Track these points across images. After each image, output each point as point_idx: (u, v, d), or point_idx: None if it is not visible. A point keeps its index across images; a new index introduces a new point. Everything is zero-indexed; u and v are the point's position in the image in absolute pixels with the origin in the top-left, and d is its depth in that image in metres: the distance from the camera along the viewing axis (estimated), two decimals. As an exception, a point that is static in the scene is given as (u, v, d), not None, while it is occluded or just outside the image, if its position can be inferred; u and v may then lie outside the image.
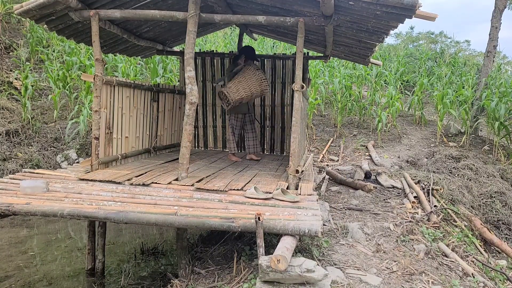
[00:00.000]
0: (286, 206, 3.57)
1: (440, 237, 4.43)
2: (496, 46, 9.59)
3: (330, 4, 3.68)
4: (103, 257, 4.57)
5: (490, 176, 6.79)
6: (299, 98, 4.18)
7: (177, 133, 6.84)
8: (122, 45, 6.03)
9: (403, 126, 9.84)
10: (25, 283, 4.27)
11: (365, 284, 3.11)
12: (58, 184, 4.09)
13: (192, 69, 4.31)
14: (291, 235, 2.95)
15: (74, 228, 6.14)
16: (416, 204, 5.25)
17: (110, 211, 3.19)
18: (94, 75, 4.56)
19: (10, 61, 9.86)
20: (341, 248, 3.78)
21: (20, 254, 5.00)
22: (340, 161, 8.00)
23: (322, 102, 10.18)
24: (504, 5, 9.43)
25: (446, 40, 18.98)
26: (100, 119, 4.62)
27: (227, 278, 3.27)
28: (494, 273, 4.20)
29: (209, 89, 7.24)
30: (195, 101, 4.31)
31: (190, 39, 4.31)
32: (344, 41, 5.17)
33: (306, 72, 6.57)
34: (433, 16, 3.51)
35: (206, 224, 3.05)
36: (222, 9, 5.06)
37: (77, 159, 7.70)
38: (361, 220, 4.55)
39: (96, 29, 4.52)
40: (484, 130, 9.91)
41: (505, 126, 8.26)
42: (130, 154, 5.34)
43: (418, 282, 3.30)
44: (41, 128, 8.26)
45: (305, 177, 4.97)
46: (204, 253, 4.02)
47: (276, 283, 2.78)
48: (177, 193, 3.91)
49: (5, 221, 5.97)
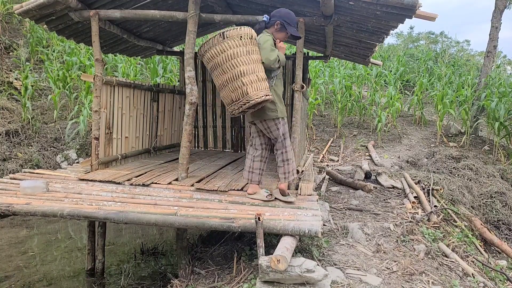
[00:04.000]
0: (286, 207, 3.56)
1: (440, 237, 4.43)
2: (496, 46, 9.60)
3: (330, 4, 3.68)
4: (103, 257, 4.57)
5: (490, 176, 6.79)
6: (299, 98, 4.18)
7: (177, 133, 6.84)
8: (122, 45, 6.03)
9: (403, 126, 9.84)
10: (25, 283, 4.27)
11: (365, 284, 3.11)
12: (58, 184, 4.08)
13: (192, 69, 4.31)
14: (291, 235, 2.95)
15: (74, 228, 6.14)
16: (416, 204, 5.24)
17: (110, 211, 3.19)
18: (94, 75, 4.56)
19: (10, 61, 9.85)
20: (341, 248, 3.78)
21: (20, 254, 5.00)
22: (340, 161, 7.99)
23: (322, 102, 10.18)
24: (504, 5, 9.44)
25: (446, 40, 19.00)
26: (100, 119, 4.62)
27: (227, 278, 3.27)
28: (494, 273, 4.20)
29: (209, 89, 7.24)
30: (195, 101, 4.31)
31: (190, 39, 4.31)
32: (344, 41, 5.17)
33: (306, 72, 6.57)
34: (433, 16, 3.52)
35: (206, 224, 3.05)
36: (222, 9, 5.06)
37: (77, 159, 7.70)
38: (361, 220, 4.55)
39: (96, 29, 4.52)
40: (484, 130, 9.91)
41: (505, 126, 8.25)
42: (130, 154, 5.33)
43: (418, 282, 3.30)
44: (41, 128, 8.25)
45: (305, 177, 4.97)
46: (204, 253, 4.02)
47: (276, 283, 2.78)
48: (177, 193, 3.91)
49: (5, 221, 5.97)
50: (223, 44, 3.39)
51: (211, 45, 3.43)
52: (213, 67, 3.51)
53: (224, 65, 3.42)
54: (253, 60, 3.43)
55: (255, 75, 3.41)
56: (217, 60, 3.44)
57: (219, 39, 3.39)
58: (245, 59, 3.40)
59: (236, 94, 3.41)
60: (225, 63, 3.41)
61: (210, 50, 3.45)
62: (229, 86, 3.44)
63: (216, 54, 3.43)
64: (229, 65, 3.40)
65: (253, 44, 3.47)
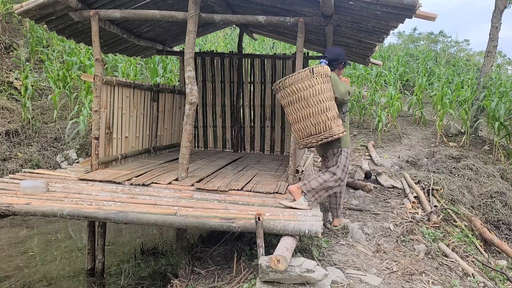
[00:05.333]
0: (286, 207, 3.56)
1: (440, 237, 4.43)
2: (496, 46, 9.59)
3: (330, 4, 3.68)
4: (103, 257, 4.57)
5: (490, 176, 6.79)
6: (299, 98, 4.17)
7: (177, 133, 6.84)
8: (122, 45, 6.03)
9: (403, 126, 9.84)
10: (25, 283, 4.26)
11: (365, 284, 3.11)
12: (58, 184, 4.09)
13: (192, 69, 4.31)
14: (291, 236, 2.95)
15: (74, 228, 6.14)
16: (416, 204, 5.24)
17: (110, 211, 3.19)
18: (94, 75, 4.56)
19: (10, 61, 9.85)
20: (341, 248, 3.78)
21: (20, 254, 5.00)
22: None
23: (322, 102, 10.15)
24: (504, 5, 9.43)
25: (445, 40, 19.01)
26: (100, 119, 4.62)
27: (227, 278, 3.27)
28: (494, 273, 4.20)
29: (209, 89, 7.24)
30: (195, 101, 4.31)
31: (190, 39, 4.31)
32: (344, 41, 5.17)
33: (306, 72, 6.56)
34: (433, 16, 3.52)
35: (206, 225, 3.05)
36: (222, 9, 5.06)
37: (77, 159, 7.70)
38: (361, 220, 4.55)
39: (96, 29, 4.52)
40: (484, 130, 9.91)
41: (505, 126, 8.25)
42: (130, 154, 5.33)
43: (418, 282, 3.30)
44: (41, 128, 8.25)
45: (305, 177, 4.97)
46: (204, 253, 4.02)
47: (276, 283, 2.78)
48: (177, 193, 3.91)
49: (5, 221, 5.97)
50: (312, 79, 3.53)
51: (298, 79, 3.55)
52: (295, 100, 3.62)
53: (310, 99, 3.54)
54: (332, 97, 3.64)
55: (334, 111, 3.61)
56: (303, 94, 3.57)
57: (308, 74, 3.53)
58: (328, 95, 3.59)
59: (318, 128, 3.57)
60: (311, 98, 3.54)
61: (297, 84, 3.57)
62: (310, 120, 3.58)
63: (303, 88, 3.56)
64: (315, 100, 3.54)
65: (329, 82, 3.66)
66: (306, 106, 3.56)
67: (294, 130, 3.73)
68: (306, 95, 3.53)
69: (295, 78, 3.56)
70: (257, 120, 7.24)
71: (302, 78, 3.54)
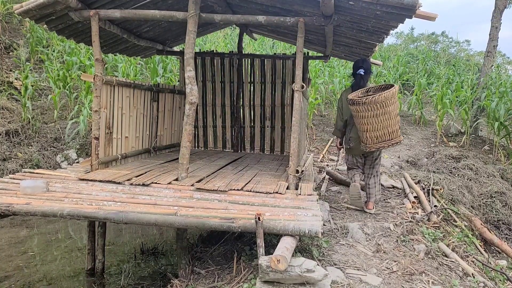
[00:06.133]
0: (287, 207, 3.56)
1: (440, 237, 4.43)
2: (496, 46, 9.60)
3: (330, 4, 3.68)
4: (103, 257, 4.57)
5: (490, 176, 6.79)
6: (299, 98, 4.18)
7: (177, 133, 6.84)
8: (122, 45, 6.03)
9: (403, 126, 9.84)
10: (25, 283, 4.27)
11: (365, 284, 3.11)
12: (58, 184, 4.09)
13: (192, 69, 4.31)
14: (291, 235, 2.95)
15: (74, 228, 6.14)
16: (416, 204, 5.24)
17: (110, 211, 3.19)
18: (94, 75, 4.55)
19: (10, 61, 9.85)
20: (341, 248, 3.78)
21: (20, 254, 5.00)
22: (340, 161, 7.98)
23: (322, 102, 10.17)
24: (504, 5, 9.44)
25: (446, 40, 19.01)
26: (100, 119, 4.62)
27: (227, 278, 3.27)
28: (494, 273, 4.20)
29: (209, 89, 7.24)
30: (195, 101, 4.30)
31: (190, 39, 4.31)
32: (344, 41, 5.17)
33: (306, 72, 6.57)
34: (433, 16, 3.52)
35: (206, 225, 3.05)
36: (222, 9, 5.06)
37: (77, 159, 7.70)
38: (361, 220, 4.55)
39: (96, 29, 4.52)
40: (484, 130, 9.91)
41: (505, 126, 8.25)
42: (130, 154, 5.33)
43: (418, 282, 3.30)
44: (41, 128, 8.25)
45: (305, 177, 4.97)
46: (204, 253, 4.02)
47: (276, 283, 2.78)
48: (177, 193, 3.91)
49: (5, 221, 5.97)
50: (395, 96, 4.27)
51: (390, 96, 4.16)
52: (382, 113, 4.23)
53: (392, 112, 4.26)
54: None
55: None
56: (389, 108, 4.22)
57: (395, 92, 4.23)
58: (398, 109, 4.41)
59: (393, 135, 4.38)
60: (393, 111, 4.26)
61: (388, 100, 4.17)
62: (388, 129, 4.32)
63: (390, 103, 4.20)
64: (395, 113, 4.29)
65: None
66: (389, 118, 4.26)
67: (370, 136, 4.36)
68: (390, 109, 4.21)
69: (387, 95, 4.15)
70: (257, 120, 7.24)
71: (394, 95, 4.21)
